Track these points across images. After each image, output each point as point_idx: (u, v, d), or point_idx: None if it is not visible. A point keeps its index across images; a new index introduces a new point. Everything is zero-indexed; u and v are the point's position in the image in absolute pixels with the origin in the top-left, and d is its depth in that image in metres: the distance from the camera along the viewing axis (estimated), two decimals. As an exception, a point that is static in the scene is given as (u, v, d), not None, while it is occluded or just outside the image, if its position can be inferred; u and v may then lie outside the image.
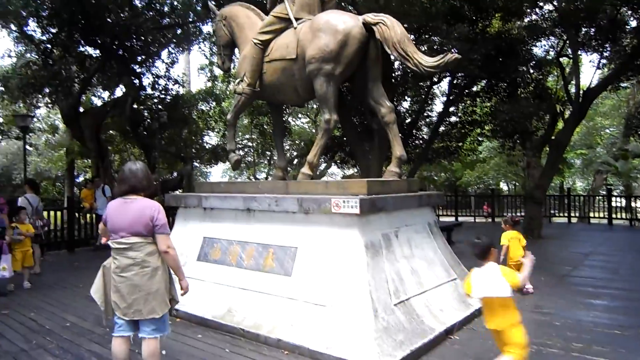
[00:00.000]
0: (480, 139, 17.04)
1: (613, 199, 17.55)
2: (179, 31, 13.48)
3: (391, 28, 5.26)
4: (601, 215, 17.83)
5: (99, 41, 11.61)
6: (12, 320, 5.53)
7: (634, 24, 11.74)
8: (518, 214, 18.48)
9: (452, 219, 18.60)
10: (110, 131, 18.15)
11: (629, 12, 11.49)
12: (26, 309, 5.98)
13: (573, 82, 12.93)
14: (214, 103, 18.89)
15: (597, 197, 20.32)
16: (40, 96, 14.16)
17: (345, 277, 4.47)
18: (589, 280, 7.46)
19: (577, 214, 18.63)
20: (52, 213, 11.55)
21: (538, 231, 12.58)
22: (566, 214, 18.14)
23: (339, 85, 5.84)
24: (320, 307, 4.43)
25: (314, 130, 26.65)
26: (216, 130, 22.08)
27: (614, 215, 16.86)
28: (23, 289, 7.07)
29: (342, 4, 10.97)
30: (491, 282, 3.38)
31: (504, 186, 34.48)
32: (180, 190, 19.03)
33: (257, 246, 5.32)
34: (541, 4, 12.26)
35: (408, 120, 14.93)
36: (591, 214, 17.98)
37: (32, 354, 4.41)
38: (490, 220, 18.91)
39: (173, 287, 3.49)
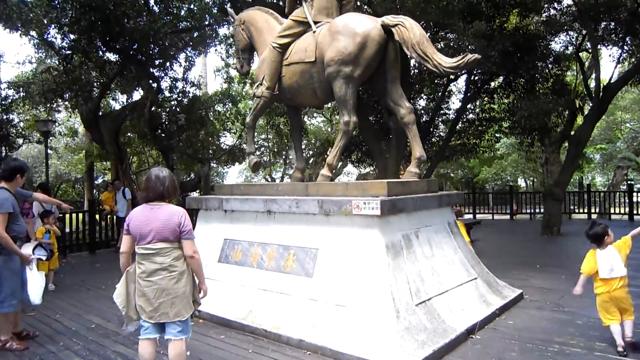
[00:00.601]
0: (498, 135, 16.88)
1: (634, 194, 17.25)
2: (195, 34, 13.59)
3: (410, 29, 5.26)
4: (622, 211, 17.53)
5: (118, 47, 11.77)
6: (38, 321, 5.66)
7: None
8: (537, 210, 18.34)
9: (470, 216, 18.47)
10: (129, 134, 18.41)
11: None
12: (51, 311, 6.11)
13: (593, 76, 12.76)
14: (231, 104, 19.00)
15: (617, 193, 20.00)
16: (60, 101, 14.41)
17: (367, 278, 4.50)
18: (612, 278, 7.35)
19: (597, 210, 18.36)
20: (73, 215, 11.75)
21: (557, 228, 12.48)
22: (586, 210, 17.90)
23: (357, 87, 5.86)
24: (342, 308, 4.47)
25: (329, 130, 26.66)
26: (233, 131, 22.24)
27: (635, 211, 16.57)
28: (47, 290, 7.18)
29: (358, 3, 10.96)
30: (616, 263, 4.24)
31: (521, 182, 34.11)
32: (198, 192, 19.24)
33: (277, 247, 5.37)
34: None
35: (424, 119, 14.86)
36: (612, 210, 17.69)
37: (60, 355, 4.52)
38: (510, 218, 18.71)
39: (196, 290, 3.56)
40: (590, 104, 12.52)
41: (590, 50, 13.03)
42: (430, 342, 4.15)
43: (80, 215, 11.96)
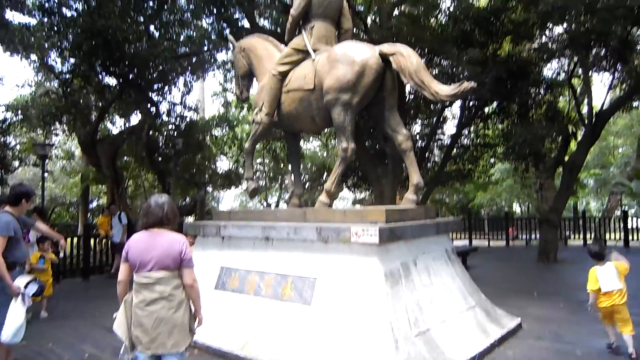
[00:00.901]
0: (492, 161, 16.95)
1: (629, 220, 17.31)
2: (194, 59, 13.73)
3: (407, 58, 5.33)
4: (617, 237, 17.56)
5: (118, 71, 11.85)
6: (31, 351, 5.51)
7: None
8: (533, 236, 18.35)
9: (466, 242, 18.41)
10: (126, 157, 18.39)
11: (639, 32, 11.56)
12: (44, 339, 5.96)
13: (585, 102, 12.93)
14: (227, 128, 19.09)
15: (612, 219, 20.05)
16: (58, 124, 14.43)
17: (365, 307, 4.46)
18: (610, 306, 7.32)
19: (593, 236, 18.38)
20: (67, 240, 11.61)
21: (554, 254, 12.44)
22: (581, 236, 17.90)
23: (356, 115, 5.92)
24: (341, 338, 4.41)
25: (325, 154, 26.72)
26: (229, 155, 22.28)
27: (630, 237, 16.61)
28: (39, 318, 7.05)
29: (354, 29, 11.13)
30: (614, 277, 4.86)
31: (516, 208, 34.12)
32: (193, 216, 19.15)
33: (275, 275, 5.32)
34: (551, 26, 12.35)
35: (420, 144, 14.92)
36: (607, 236, 17.71)
37: (53, 386, 4.42)
38: (506, 245, 18.66)
39: (192, 319, 3.49)
40: (583, 130, 12.66)
41: (582, 77, 13.22)
42: (430, 372, 4.10)
43: (75, 239, 11.82)
